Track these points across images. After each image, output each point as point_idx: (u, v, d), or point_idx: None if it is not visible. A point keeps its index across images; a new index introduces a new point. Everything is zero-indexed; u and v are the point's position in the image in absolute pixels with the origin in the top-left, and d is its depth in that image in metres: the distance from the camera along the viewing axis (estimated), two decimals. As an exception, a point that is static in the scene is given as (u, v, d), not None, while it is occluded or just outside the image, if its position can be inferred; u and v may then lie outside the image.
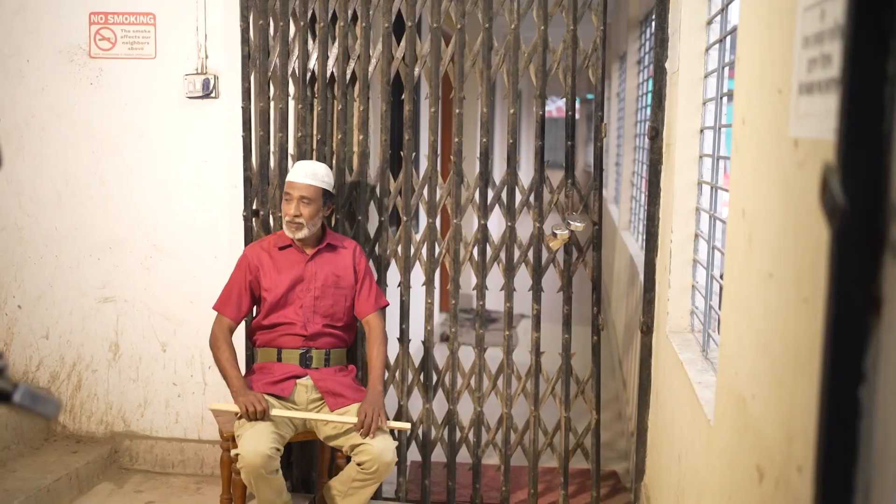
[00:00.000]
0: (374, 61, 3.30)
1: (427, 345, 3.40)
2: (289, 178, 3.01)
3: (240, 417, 2.83)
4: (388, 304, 3.20)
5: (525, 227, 3.19)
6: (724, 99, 2.47)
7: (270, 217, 3.40)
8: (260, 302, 3.08)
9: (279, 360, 3.02)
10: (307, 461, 3.46)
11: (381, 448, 2.77)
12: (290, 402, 2.97)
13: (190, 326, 3.63)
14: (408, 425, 3.17)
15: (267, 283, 3.03)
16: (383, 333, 3.11)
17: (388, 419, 2.91)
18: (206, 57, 3.48)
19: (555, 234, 3.15)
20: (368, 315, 3.11)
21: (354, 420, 2.82)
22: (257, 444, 2.70)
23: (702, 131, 2.71)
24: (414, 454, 3.54)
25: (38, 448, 3.63)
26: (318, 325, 3.01)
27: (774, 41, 1.37)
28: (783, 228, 1.26)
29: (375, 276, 3.29)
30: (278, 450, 2.75)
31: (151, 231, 3.61)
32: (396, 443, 2.93)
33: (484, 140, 3.30)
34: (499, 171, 8.27)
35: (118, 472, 3.67)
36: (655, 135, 2.95)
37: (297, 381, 2.98)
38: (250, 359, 3.36)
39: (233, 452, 2.84)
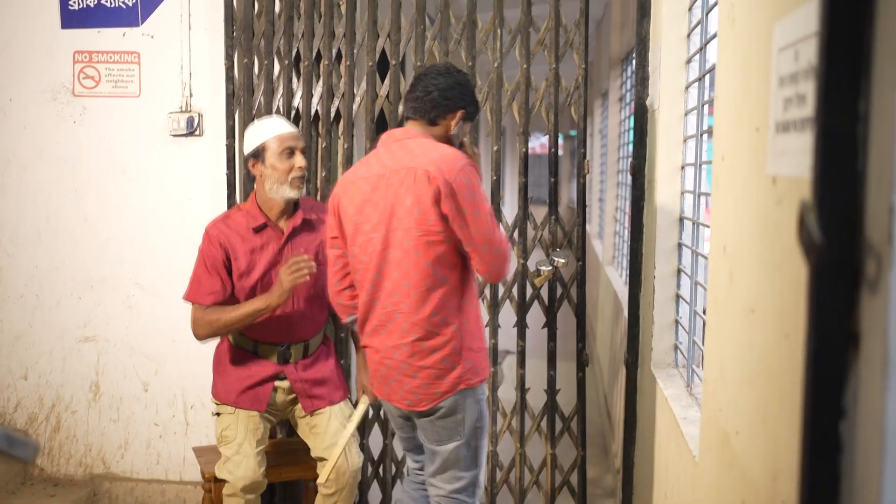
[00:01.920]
0: (358, 99, 3.33)
1: (412, 382, 3.38)
2: (278, 132, 2.76)
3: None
4: None
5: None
6: (705, 136, 2.50)
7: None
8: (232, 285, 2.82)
9: (255, 352, 2.84)
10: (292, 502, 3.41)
11: (343, 462, 2.79)
12: (269, 408, 2.87)
13: (172, 366, 3.59)
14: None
15: (241, 268, 2.76)
16: None
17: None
18: (191, 95, 3.50)
19: (539, 271, 3.16)
20: None
21: (359, 416, 2.84)
22: (246, 469, 2.72)
23: (683, 168, 2.74)
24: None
25: (14, 492, 3.56)
26: (300, 311, 2.82)
27: (751, 80, 1.39)
28: (764, 264, 1.27)
29: None
30: (265, 473, 2.78)
31: (134, 269, 3.59)
32: (361, 458, 2.91)
33: (467, 177, 3.31)
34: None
35: (98, 515, 3.61)
36: (637, 171, 2.98)
37: (275, 383, 2.86)
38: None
39: (219, 472, 2.77)
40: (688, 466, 1.99)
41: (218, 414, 2.86)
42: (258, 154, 2.76)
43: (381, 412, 3.41)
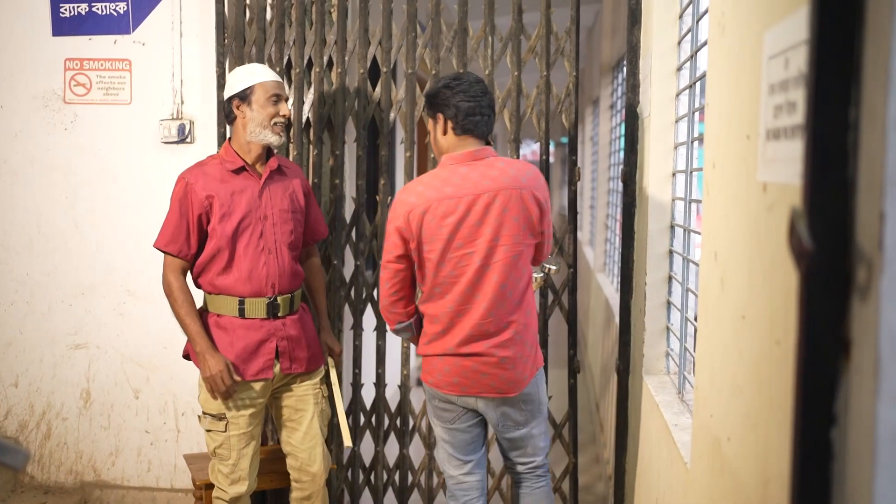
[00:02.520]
0: (349, 106, 3.33)
1: (403, 389, 3.38)
2: (262, 78, 2.75)
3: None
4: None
5: (501, 271, 3.19)
6: (696, 143, 2.51)
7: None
8: (206, 237, 2.74)
9: (241, 313, 2.73)
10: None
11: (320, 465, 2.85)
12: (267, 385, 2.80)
13: (163, 373, 3.58)
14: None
15: (222, 211, 2.69)
16: (321, 264, 3.13)
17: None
18: (182, 102, 3.49)
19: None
20: (318, 240, 3.04)
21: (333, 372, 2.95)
22: (241, 486, 2.76)
23: (674, 175, 2.75)
24: (391, 501, 3.49)
25: (5, 500, 3.54)
26: (284, 259, 2.77)
27: (742, 88, 1.40)
28: (754, 271, 1.28)
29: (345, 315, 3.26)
30: (255, 478, 2.83)
31: (125, 276, 3.58)
32: (328, 459, 2.94)
33: (459, 184, 3.32)
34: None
35: (88, 524, 3.59)
36: (629, 178, 2.99)
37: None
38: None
39: (212, 477, 2.78)
40: (679, 473, 1.99)
41: (208, 430, 2.75)
42: (245, 97, 2.74)
43: (373, 419, 3.40)
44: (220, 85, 3.35)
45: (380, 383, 3.39)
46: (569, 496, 3.28)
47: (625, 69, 3.17)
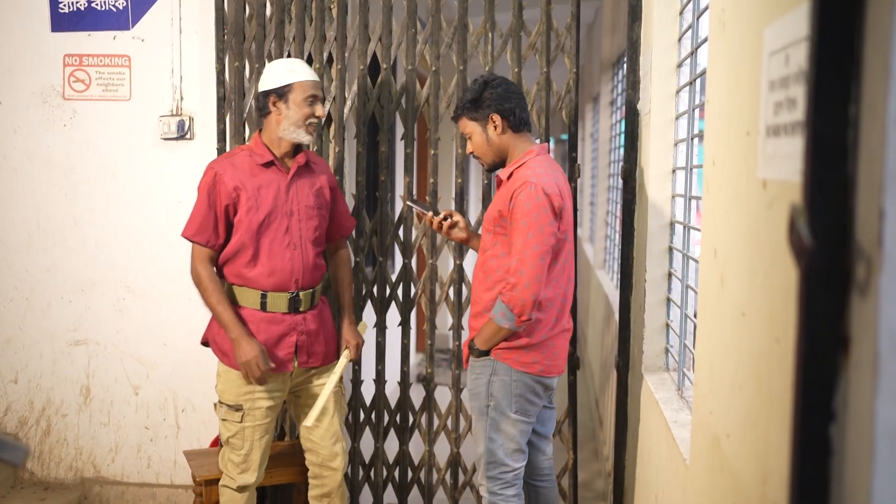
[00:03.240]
0: (349, 103, 3.33)
1: (403, 386, 3.38)
2: (301, 77, 2.74)
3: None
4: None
5: (500, 267, 3.19)
6: (696, 140, 2.51)
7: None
8: (232, 227, 2.75)
9: (263, 306, 2.75)
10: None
11: (328, 443, 2.85)
12: (285, 377, 2.82)
13: (163, 369, 3.58)
14: (365, 324, 3.11)
15: (248, 204, 2.70)
16: (350, 258, 3.11)
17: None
18: (182, 98, 3.49)
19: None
20: (345, 236, 3.05)
21: (345, 361, 2.88)
22: (250, 477, 2.78)
23: (674, 172, 2.75)
24: (391, 497, 3.50)
25: (5, 496, 3.54)
26: (309, 255, 2.78)
27: (742, 84, 1.40)
28: (754, 268, 1.28)
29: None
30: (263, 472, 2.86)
31: (125, 273, 3.58)
32: (347, 445, 2.95)
33: (459, 180, 3.32)
34: (474, 211, 8.30)
35: (88, 520, 3.60)
36: (628, 175, 2.99)
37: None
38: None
39: (222, 464, 2.80)
40: (678, 469, 1.99)
41: (224, 419, 2.77)
42: (282, 94, 2.73)
43: (373, 415, 3.41)
44: (220, 81, 3.35)
45: (380, 380, 3.39)
46: (568, 492, 3.29)
47: (625, 66, 3.16)
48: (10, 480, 3.64)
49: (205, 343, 2.88)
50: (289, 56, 3.33)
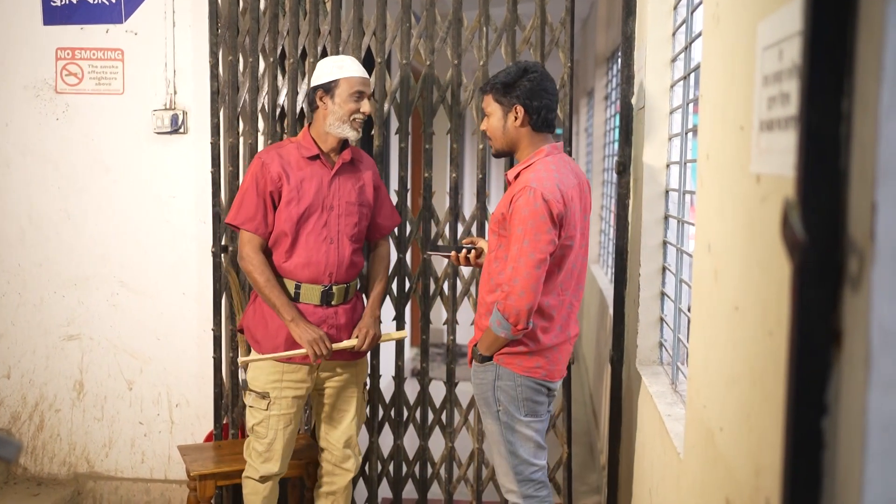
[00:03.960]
0: (343, 97, 3.31)
1: (397, 380, 3.39)
2: (348, 73, 2.78)
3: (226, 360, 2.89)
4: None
5: (495, 262, 3.19)
6: (690, 134, 2.51)
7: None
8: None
9: (296, 297, 2.80)
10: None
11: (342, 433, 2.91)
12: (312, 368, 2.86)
13: (157, 364, 3.58)
14: (405, 333, 3.11)
15: (290, 196, 2.77)
16: (389, 255, 3.10)
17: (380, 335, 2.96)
18: (175, 92, 3.48)
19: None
20: (386, 234, 3.06)
21: (352, 343, 2.83)
22: (273, 466, 2.83)
23: (668, 166, 2.75)
24: (385, 491, 3.50)
25: (-1, 490, 3.54)
26: (345, 250, 2.83)
27: (736, 79, 1.40)
28: (748, 262, 1.28)
29: None
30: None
31: (118, 267, 3.57)
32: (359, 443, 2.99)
33: (454, 175, 3.32)
34: (469, 206, 8.30)
35: (82, 514, 3.59)
36: (623, 169, 2.99)
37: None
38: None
39: (246, 453, 2.85)
40: (672, 463, 2.00)
41: (250, 406, 2.84)
42: (329, 89, 2.79)
43: (367, 410, 3.41)
44: (214, 75, 3.34)
45: (374, 374, 3.39)
46: (563, 486, 3.29)
47: (619, 60, 3.16)
48: (3, 476, 3.63)
49: (240, 330, 2.99)
50: (282, 50, 3.33)
